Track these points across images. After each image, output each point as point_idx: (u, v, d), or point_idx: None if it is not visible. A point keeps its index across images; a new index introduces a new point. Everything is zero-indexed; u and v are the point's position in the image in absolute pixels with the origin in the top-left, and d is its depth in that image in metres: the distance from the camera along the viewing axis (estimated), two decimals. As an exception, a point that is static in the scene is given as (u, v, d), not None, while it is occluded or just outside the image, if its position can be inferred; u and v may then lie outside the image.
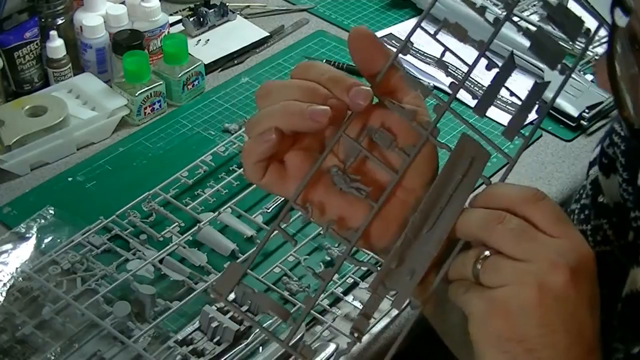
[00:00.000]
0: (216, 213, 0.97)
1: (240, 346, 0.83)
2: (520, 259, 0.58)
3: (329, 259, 0.93)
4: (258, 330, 0.84)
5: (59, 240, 0.93)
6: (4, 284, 0.87)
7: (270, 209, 0.99)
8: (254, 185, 0.99)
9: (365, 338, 0.85)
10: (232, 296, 0.72)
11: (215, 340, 0.82)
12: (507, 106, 1.18)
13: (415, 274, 0.60)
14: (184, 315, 0.87)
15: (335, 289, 0.89)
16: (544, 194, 0.59)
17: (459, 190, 0.61)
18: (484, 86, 1.21)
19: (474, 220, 0.60)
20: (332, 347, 0.84)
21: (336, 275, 0.90)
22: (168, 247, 0.92)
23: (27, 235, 0.93)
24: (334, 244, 0.94)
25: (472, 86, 1.21)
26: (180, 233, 0.94)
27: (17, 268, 0.89)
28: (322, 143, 0.60)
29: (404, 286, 0.60)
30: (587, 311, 0.59)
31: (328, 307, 0.88)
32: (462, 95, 1.25)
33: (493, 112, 1.17)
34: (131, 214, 0.96)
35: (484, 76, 1.23)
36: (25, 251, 0.91)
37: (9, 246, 0.92)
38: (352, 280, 0.90)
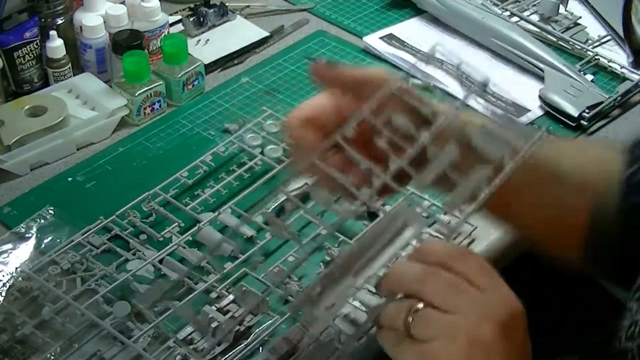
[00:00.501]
0: (216, 213, 0.96)
1: (240, 346, 0.82)
2: (451, 311, 0.59)
3: (328, 259, 0.93)
4: (258, 330, 0.84)
5: (58, 240, 0.93)
6: (4, 284, 0.87)
7: (270, 209, 0.98)
8: (254, 185, 1.00)
9: (366, 338, 0.85)
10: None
11: (215, 340, 0.81)
12: (507, 106, 1.18)
13: (333, 308, 0.64)
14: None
15: None
16: (471, 251, 0.61)
17: (388, 247, 0.66)
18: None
19: (409, 272, 0.63)
20: (333, 347, 0.84)
21: None
22: (168, 247, 0.92)
23: (27, 235, 0.93)
24: (333, 243, 0.94)
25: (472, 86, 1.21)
26: (180, 233, 0.94)
27: (16, 268, 0.89)
28: None
29: (323, 317, 0.64)
30: None
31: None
32: (462, 94, 1.25)
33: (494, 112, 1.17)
34: (131, 214, 0.96)
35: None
36: (25, 251, 0.91)
37: (8, 246, 0.92)
38: None
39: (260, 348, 0.83)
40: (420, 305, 0.61)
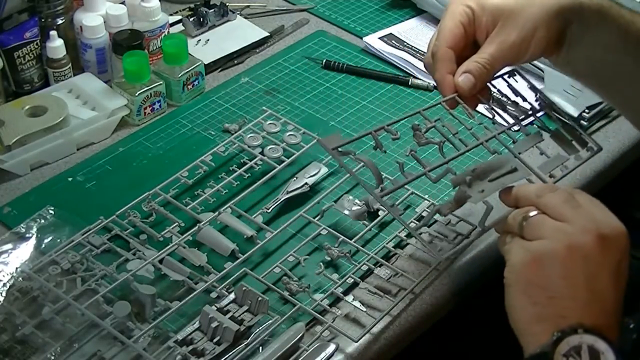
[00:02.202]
0: (216, 213, 0.96)
1: (240, 346, 0.82)
2: (560, 220, 0.70)
3: (329, 259, 0.93)
4: (258, 330, 0.84)
5: (59, 240, 0.93)
6: (4, 284, 0.87)
7: (271, 209, 0.98)
8: (254, 185, 1.00)
9: (366, 338, 0.85)
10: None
11: (215, 340, 0.81)
12: (508, 107, 1.18)
13: (483, 193, 0.80)
14: (184, 315, 0.86)
15: (335, 289, 0.89)
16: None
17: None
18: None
19: (532, 187, 0.76)
20: (332, 347, 0.84)
21: (336, 275, 0.91)
22: (168, 247, 0.92)
23: (27, 235, 0.93)
24: (333, 243, 0.93)
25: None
26: (180, 233, 0.94)
27: (17, 268, 0.89)
28: None
29: (475, 195, 0.80)
30: (610, 276, 0.68)
31: (328, 307, 0.87)
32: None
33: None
34: (131, 214, 0.96)
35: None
36: (25, 251, 0.91)
37: (9, 246, 0.92)
38: (352, 280, 0.90)
39: (260, 348, 0.83)
40: (535, 213, 0.72)
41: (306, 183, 1.02)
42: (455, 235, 0.96)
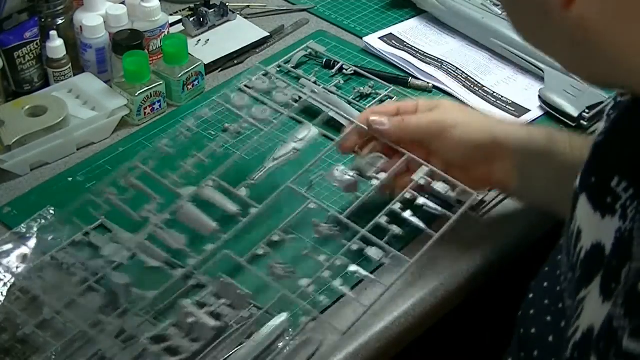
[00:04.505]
0: (197, 187, 0.91)
1: (217, 345, 0.79)
2: None
3: (317, 236, 0.89)
4: (239, 326, 0.80)
5: (59, 240, 0.93)
6: (5, 284, 0.87)
7: (256, 178, 0.93)
8: (239, 152, 0.97)
9: (366, 338, 0.85)
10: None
11: (191, 337, 0.78)
12: (507, 106, 1.18)
13: None
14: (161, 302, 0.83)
15: (322, 272, 0.84)
16: None
17: None
18: (484, 86, 1.21)
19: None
20: (316, 342, 0.81)
21: (323, 257, 0.86)
22: (143, 229, 0.87)
23: (28, 236, 0.93)
24: (323, 219, 0.90)
25: (472, 86, 1.21)
26: (159, 211, 0.89)
27: (17, 268, 0.89)
28: None
29: None
30: None
31: (314, 293, 0.84)
32: (460, 93, 1.26)
33: (493, 112, 1.17)
34: (108, 191, 0.92)
35: (484, 77, 1.24)
36: (25, 251, 0.91)
37: (9, 246, 0.92)
38: (341, 262, 0.86)
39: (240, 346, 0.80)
40: None
41: (294, 148, 0.97)
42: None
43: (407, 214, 0.89)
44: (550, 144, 0.89)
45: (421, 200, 0.90)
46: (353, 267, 0.86)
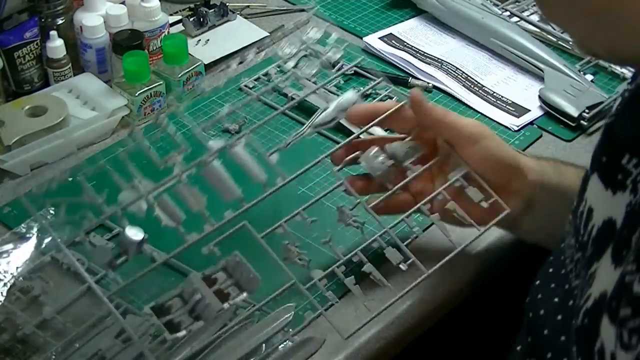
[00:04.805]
0: (228, 142, 0.84)
1: (221, 327, 0.77)
2: None
3: (340, 222, 0.85)
4: (247, 310, 0.78)
5: (59, 240, 0.93)
6: (5, 284, 0.87)
7: (289, 144, 0.87)
8: (279, 110, 0.92)
9: (366, 338, 0.85)
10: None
11: (194, 314, 0.75)
12: (507, 106, 1.18)
13: None
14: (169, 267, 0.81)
15: (337, 266, 0.82)
16: None
17: None
18: (484, 86, 1.21)
19: None
20: (318, 341, 0.80)
21: (342, 248, 0.83)
22: (166, 180, 0.82)
23: (28, 236, 0.93)
24: (349, 206, 0.86)
25: (472, 86, 1.21)
26: (186, 163, 0.83)
27: (17, 268, 0.89)
28: None
29: None
30: None
31: (324, 288, 0.81)
32: (460, 93, 1.26)
33: (493, 112, 1.17)
34: (137, 128, 0.86)
35: (484, 77, 1.24)
36: (25, 251, 0.91)
37: (9, 246, 0.92)
38: (359, 258, 0.83)
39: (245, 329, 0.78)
40: None
41: (336, 117, 0.90)
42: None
43: (435, 217, 0.85)
44: (561, 178, 0.88)
45: (451, 206, 0.85)
46: (368, 267, 0.82)
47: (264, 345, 0.79)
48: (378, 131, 0.95)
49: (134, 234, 0.78)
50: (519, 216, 0.87)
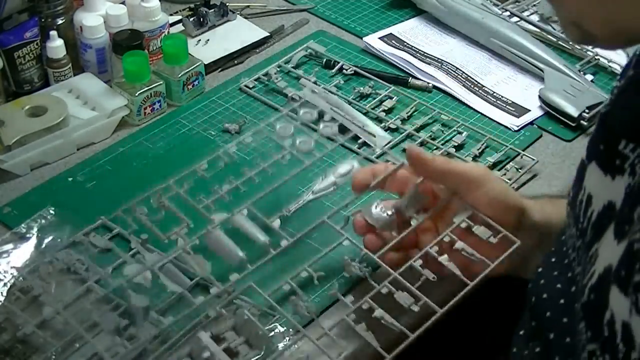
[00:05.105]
0: (229, 214, 0.88)
1: None
2: None
3: (347, 275, 0.87)
4: None
5: (59, 240, 0.93)
6: (5, 284, 0.87)
7: (292, 211, 0.92)
8: (277, 183, 0.93)
9: (365, 339, 0.85)
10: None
11: None
12: (507, 106, 1.18)
13: None
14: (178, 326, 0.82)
15: (347, 315, 0.81)
16: None
17: None
18: (484, 86, 1.21)
19: None
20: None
21: (350, 298, 0.83)
22: (170, 252, 0.86)
23: (28, 236, 0.93)
24: (355, 258, 0.87)
25: (472, 86, 1.21)
26: (189, 235, 0.86)
27: (17, 268, 0.89)
28: None
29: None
30: None
31: (334, 338, 0.81)
32: (460, 93, 1.26)
33: (493, 112, 1.17)
34: (138, 209, 0.90)
35: (484, 77, 1.24)
36: (25, 251, 0.91)
37: (9, 246, 0.92)
38: (368, 306, 0.81)
39: None
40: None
41: (335, 183, 0.95)
42: None
43: (444, 259, 0.84)
44: (561, 213, 0.85)
45: (460, 245, 0.84)
46: (379, 313, 0.80)
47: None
48: None
49: (140, 301, 0.80)
50: (529, 255, 0.86)
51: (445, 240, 0.85)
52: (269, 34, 1.30)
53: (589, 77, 1.21)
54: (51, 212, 0.96)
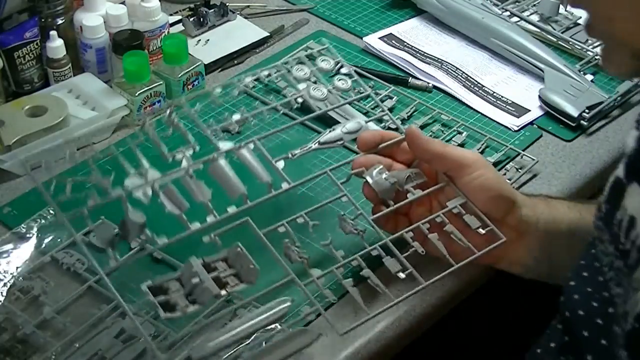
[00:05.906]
0: (237, 145, 0.86)
1: (216, 312, 0.77)
2: None
3: (340, 230, 0.87)
4: (240, 302, 0.78)
5: (59, 240, 0.93)
6: (5, 284, 0.87)
7: (296, 156, 0.90)
8: (287, 125, 0.94)
9: (366, 338, 0.85)
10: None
11: (190, 297, 0.75)
12: (507, 106, 1.18)
13: None
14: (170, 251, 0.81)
15: (336, 268, 0.82)
16: None
17: None
18: (484, 86, 1.21)
19: None
20: (312, 335, 0.80)
21: (341, 252, 0.84)
22: (174, 171, 0.83)
23: (28, 235, 0.93)
24: (351, 216, 0.87)
25: (472, 86, 1.21)
26: (193, 158, 0.85)
27: (17, 268, 0.89)
28: None
29: None
30: None
31: (322, 287, 0.81)
32: (460, 93, 1.26)
33: (493, 112, 1.17)
34: (147, 121, 0.88)
35: (484, 77, 1.24)
36: (25, 251, 0.91)
37: (9, 246, 0.92)
38: (357, 263, 0.83)
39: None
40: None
41: (342, 139, 0.94)
42: None
43: (433, 237, 0.86)
44: (553, 212, 0.88)
45: (449, 228, 0.86)
46: (367, 272, 0.82)
47: (257, 333, 0.78)
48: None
49: (137, 216, 0.79)
50: (508, 248, 0.86)
51: (437, 220, 0.87)
52: (269, 34, 1.30)
53: (589, 77, 1.21)
54: (51, 212, 0.96)
